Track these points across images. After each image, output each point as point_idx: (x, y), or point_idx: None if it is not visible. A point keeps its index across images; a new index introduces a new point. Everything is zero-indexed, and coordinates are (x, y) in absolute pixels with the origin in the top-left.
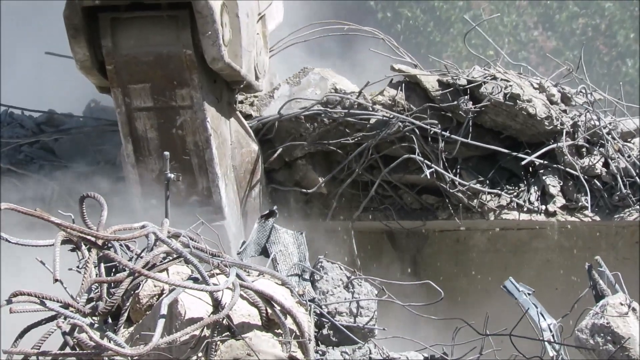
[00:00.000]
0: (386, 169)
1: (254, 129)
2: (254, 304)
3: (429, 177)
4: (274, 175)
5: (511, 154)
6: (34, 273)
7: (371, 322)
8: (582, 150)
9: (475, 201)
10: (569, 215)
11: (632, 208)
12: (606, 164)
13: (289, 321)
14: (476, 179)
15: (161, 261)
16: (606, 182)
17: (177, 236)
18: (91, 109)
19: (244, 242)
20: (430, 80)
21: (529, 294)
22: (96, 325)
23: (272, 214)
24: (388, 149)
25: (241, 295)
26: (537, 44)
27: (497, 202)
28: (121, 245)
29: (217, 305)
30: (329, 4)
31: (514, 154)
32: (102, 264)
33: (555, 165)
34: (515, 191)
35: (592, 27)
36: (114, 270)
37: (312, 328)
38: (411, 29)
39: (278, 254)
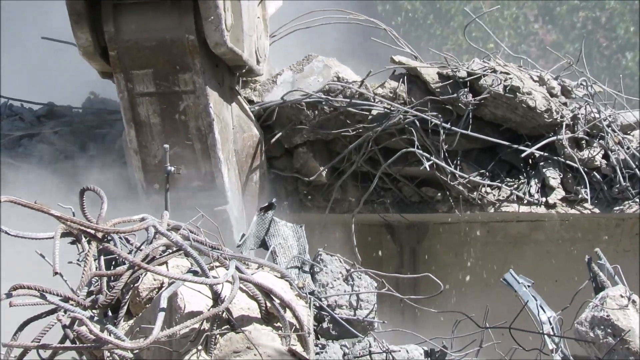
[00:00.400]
0: (387, 162)
1: (255, 115)
2: (253, 297)
3: (428, 169)
4: (274, 163)
5: (511, 146)
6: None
7: (371, 315)
8: (582, 143)
9: (475, 194)
10: (569, 207)
11: (632, 200)
12: (606, 156)
13: (288, 314)
14: (476, 171)
15: (161, 254)
16: (606, 174)
17: (177, 229)
18: (91, 101)
19: (243, 235)
20: (430, 73)
21: (529, 286)
22: (96, 318)
23: (271, 206)
24: (388, 141)
25: (240, 288)
26: (537, 37)
27: (497, 195)
28: (121, 238)
29: (216, 299)
30: None
31: (514, 146)
32: (102, 257)
33: (556, 158)
34: (515, 183)
35: (593, 20)
36: (113, 263)
37: (312, 321)
38: (411, 22)
39: (277, 247)
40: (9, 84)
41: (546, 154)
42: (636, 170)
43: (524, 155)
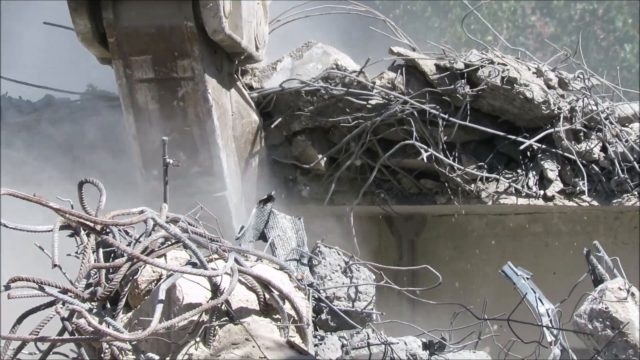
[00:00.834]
0: (385, 154)
1: (254, 102)
2: (252, 288)
3: (426, 160)
4: (273, 151)
5: (509, 137)
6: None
7: (369, 307)
8: (580, 135)
9: (473, 186)
10: (567, 200)
11: (630, 193)
12: (604, 148)
13: (287, 306)
14: (475, 163)
15: (159, 246)
16: (604, 167)
17: (175, 221)
18: (89, 93)
19: (242, 227)
20: (428, 64)
21: (527, 278)
22: (95, 310)
23: (270, 198)
24: (386, 132)
25: (239, 280)
26: (535, 30)
27: (496, 187)
28: (120, 231)
29: (215, 291)
30: None
31: (512, 137)
32: (100, 249)
33: (554, 150)
34: (514, 176)
35: (590, 12)
36: (112, 255)
37: (310, 313)
38: (409, 14)
39: (276, 239)
40: (7, 75)
41: (544, 146)
42: (634, 163)
43: (522, 147)
